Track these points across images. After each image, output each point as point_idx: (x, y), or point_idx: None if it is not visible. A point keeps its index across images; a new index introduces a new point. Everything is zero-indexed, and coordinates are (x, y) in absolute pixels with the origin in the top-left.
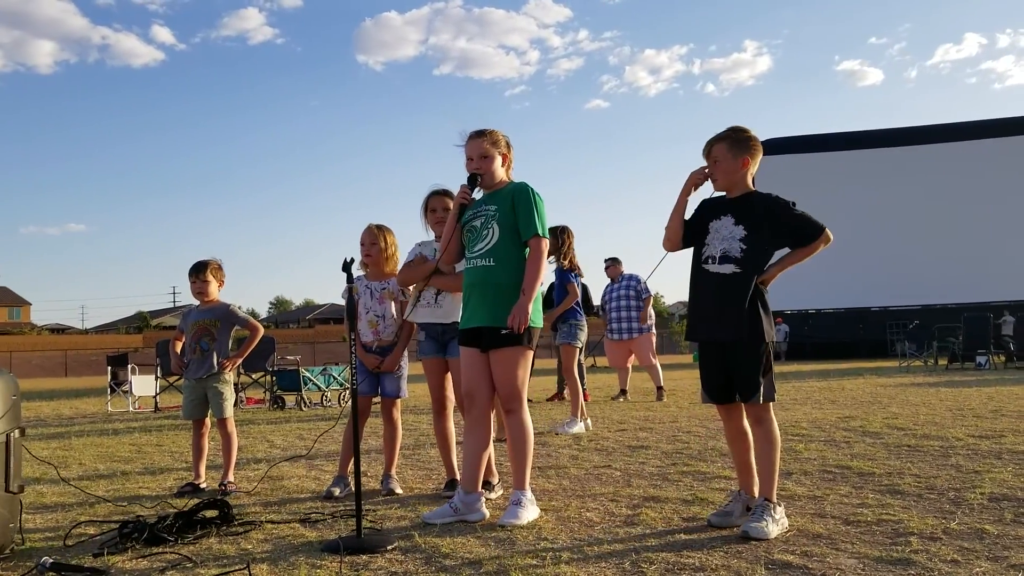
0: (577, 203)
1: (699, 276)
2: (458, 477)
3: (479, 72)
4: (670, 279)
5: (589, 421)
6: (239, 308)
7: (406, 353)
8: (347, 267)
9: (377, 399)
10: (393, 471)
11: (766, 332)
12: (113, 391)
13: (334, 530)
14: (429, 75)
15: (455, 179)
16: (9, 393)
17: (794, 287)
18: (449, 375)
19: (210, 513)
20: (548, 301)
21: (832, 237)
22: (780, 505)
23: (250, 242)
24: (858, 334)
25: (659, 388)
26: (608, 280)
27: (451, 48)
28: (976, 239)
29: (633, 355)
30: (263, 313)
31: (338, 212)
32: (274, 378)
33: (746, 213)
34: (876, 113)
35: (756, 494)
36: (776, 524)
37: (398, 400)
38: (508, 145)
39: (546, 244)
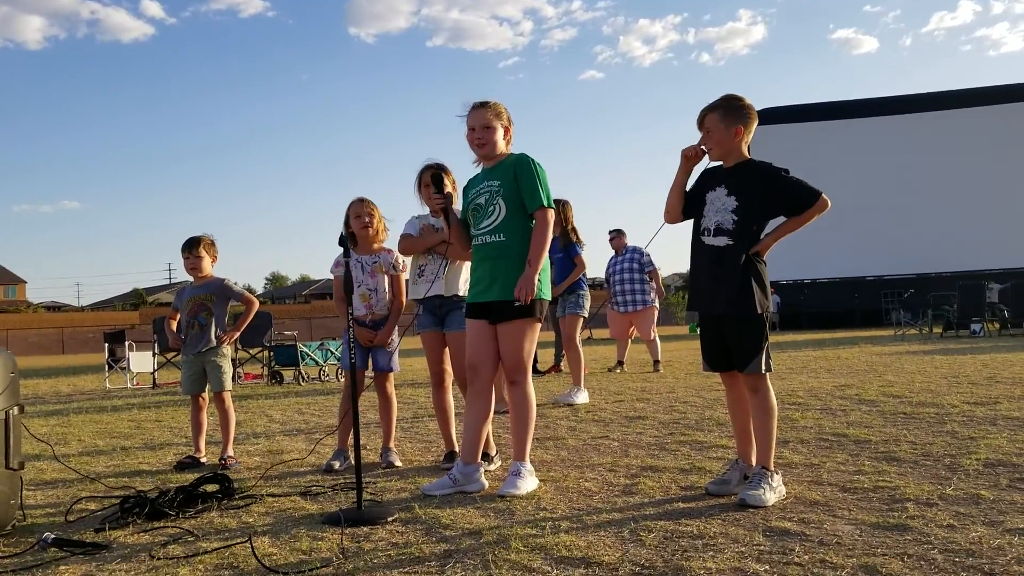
0: (573, 175)
1: (697, 248)
2: (457, 449)
3: (472, 44)
4: (667, 250)
5: (586, 392)
6: (233, 283)
7: (397, 327)
8: (343, 241)
9: (370, 373)
10: (392, 444)
11: (759, 304)
12: (111, 368)
13: (335, 502)
14: (422, 47)
15: (450, 151)
16: (7, 371)
17: (789, 257)
18: (447, 348)
19: (211, 487)
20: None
21: (829, 203)
22: (777, 473)
23: (245, 218)
24: (853, 303)
25: (656, 361)
26: (612, 252)
27: (444, 19)
28: (971, 207)
29: (634, 328)
30: (259, 289)
31: (333, 187)
32: (272, 353)
33: (739, 183)
34: (870, 82)
35: (754, 463)
36: (773, 492)
37: (391, 374)
38: (510, 119)
39: (551, 215)
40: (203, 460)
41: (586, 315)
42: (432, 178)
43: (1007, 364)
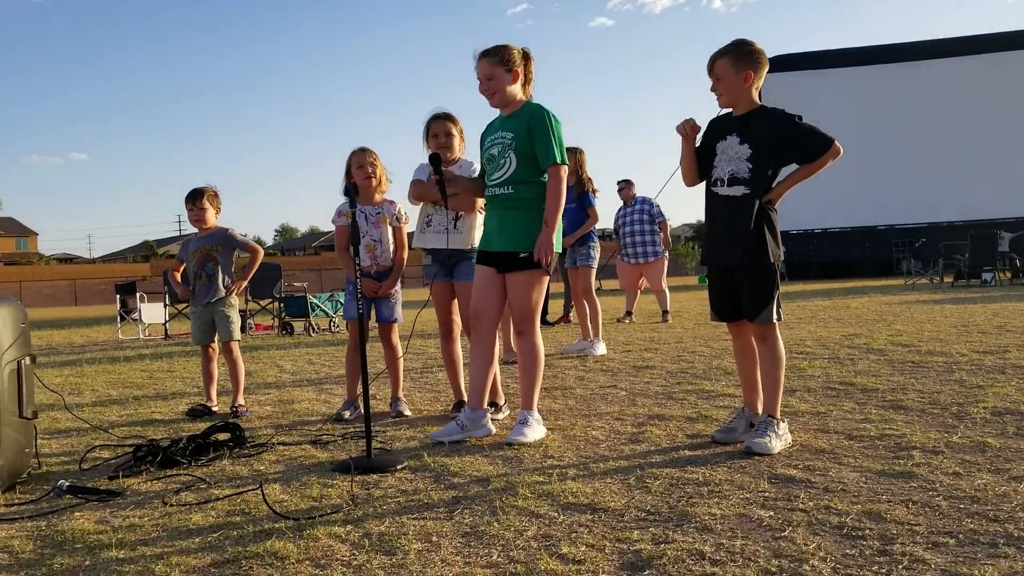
0: (583, 124)
1: (710, 200)
2: (465, 398)
3: None
4: (676, 201)
5: (604, 344)
6: (239, 233)
7: (400, 278)
8: (348, 191)
9: (373, 324)
10: (400, 393)
11: (772, 253)
12: (123, 319)
13: (344, 451)
14: None
15: (456, 100)
16: (18, 321)
17: (799, 206)
18: (456, 299)
19: (222, 436)
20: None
21: (842, 150)
22: (784, 421)
23: (256, 171)
24: (864, 252)
25: (664, 312)
26: (621, 203)
27: None
28: (983, 156)
29: (643, 278)
30: (269, 240)
31: (342, 138)
32: (282, 305)
33: (752, 131)
34: (885, 28)
35: (760, 411)
36: (779, 439)
37: (395, 324)
38: (525, 57)
39: (565, 171)
40: (215, 409)
41: (596, 266)
42: (431, 159)
43: (1018, 313)
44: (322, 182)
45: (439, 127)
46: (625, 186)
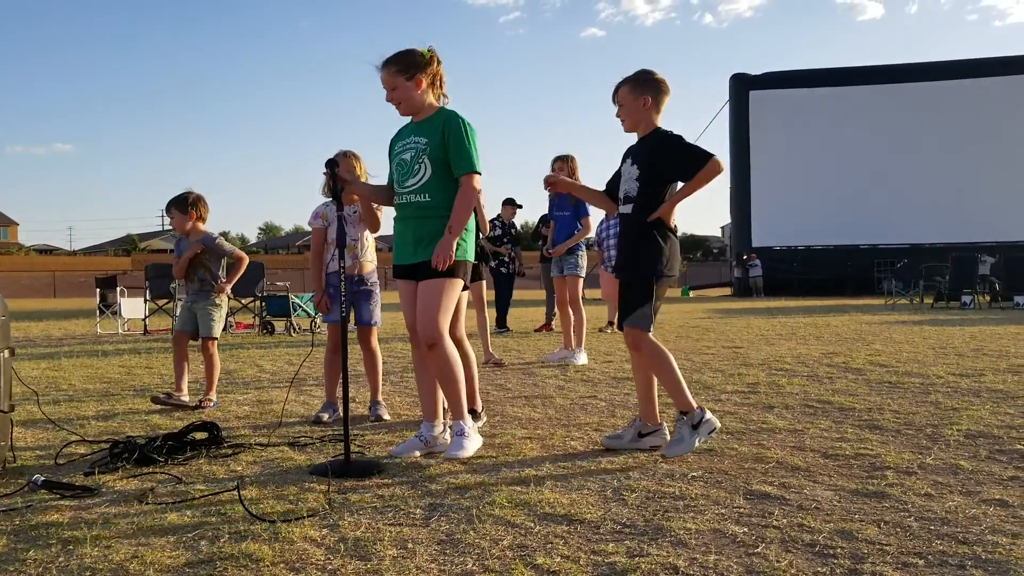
0: (571, 134)
1: (619, 218)
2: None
3: None
4: None
5: (585, 354)
6: (225, 242)
7: (379, 284)
8: (337, 194)
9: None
10: (380, 397)
11: (650, 266)
12: (102, 313)
13: (322, 454)
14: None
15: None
16: None
17: (783, 223)
18: None
19: (200, 435)
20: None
21: (722, 166)
22: (701, 409)
23: (240, 168)
24: (845, 271)
25: None
26: (602, 213)
27: None
28: (968, 179)
29: None
30: (252, 238)
31: (327, 138)
32: (264, 303)
33: (642, 153)
34: (874, 49)
35: (651, 422)
36: (696, 432)
37: (374, 328)
38: (429, 61)
39: (478, 180)
40: (183, 399)
41: (583, 275)
42: (327, 163)
43: (994, 336)
44: (307, 181)
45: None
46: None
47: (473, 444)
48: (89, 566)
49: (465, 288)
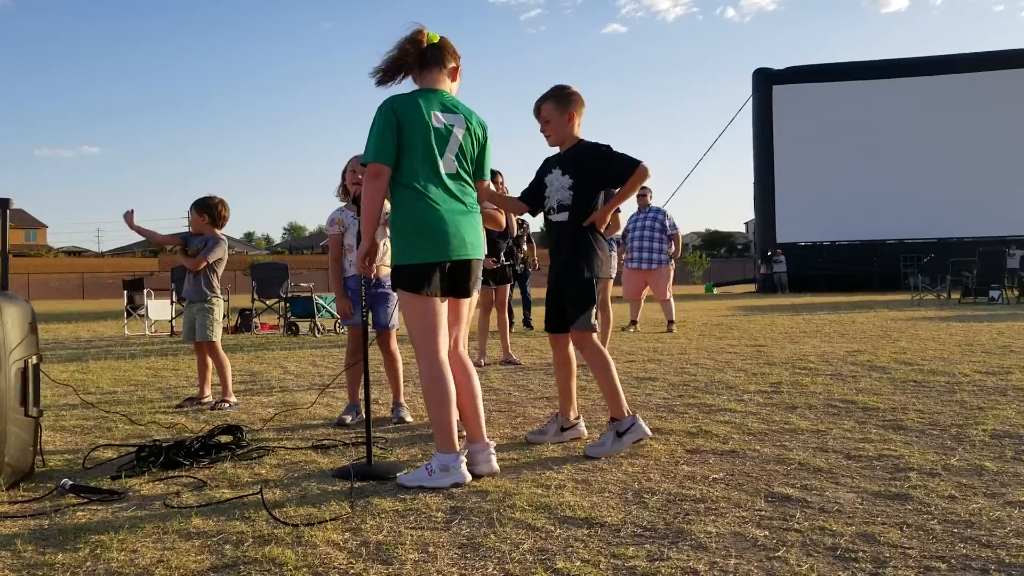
0: (593, 131)
1: (547, 227)
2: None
3: None
4: (684, 209)
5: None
6: (219, 243)
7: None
8: (358, 200)
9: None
10: (402, 399)
11: (586, 269)
12: (129, 315)
13: (345, 456)
14: None
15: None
16: (25, 320)
17: (809, 219)
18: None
19: (225, 438)
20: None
21: (649, 171)
22: (632, 414)
23: (265, 169)
24: (871, 267)
25: (670, 322)
26: (635, 208)
27: None
28: (995, 172)
29: (648, 287)
30: (277, 239)
31: (353, 139)
32: (288, 304)
33: (572, 163)
34: (898, 41)
35: (571, 416)
36: (620, 439)
37: (393, 330)
38: (409, 55)
39: (372, 170)
40: (205, 400)
41: (613, 275)
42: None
43: (1022, 333)
44: (331, 182)
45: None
46: (643, 193)
47: (443, 482)
48: (116, 570)
49: (461, 295)
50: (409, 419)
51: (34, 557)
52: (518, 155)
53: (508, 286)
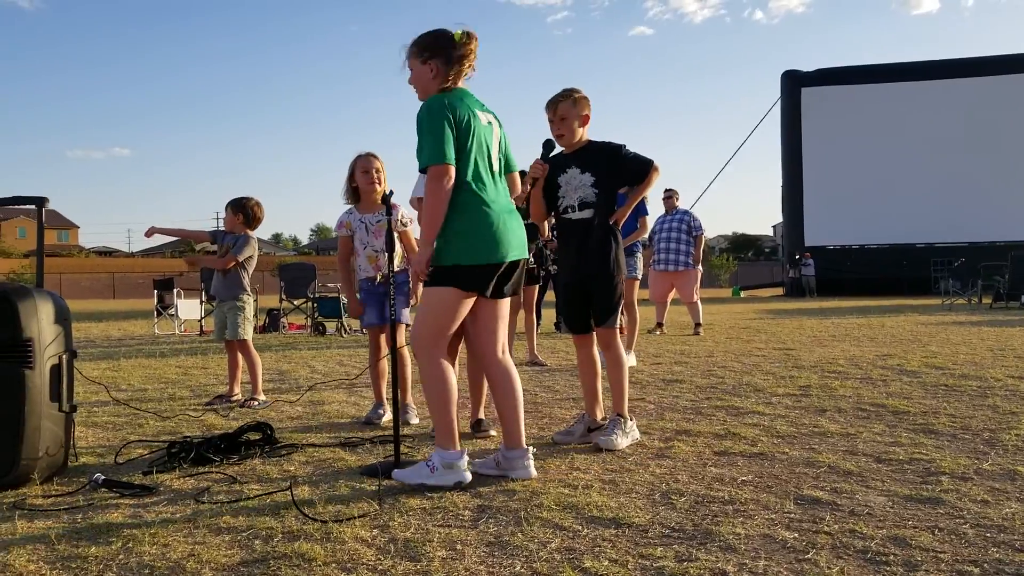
0: (619, 132)
1: (564, 226)
2: (483, 417)
3: None
4: (711, 212)
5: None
6: (253, 243)
7: (393, 284)
8: (387, 199)
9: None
10: (410, 399)
11: (619, 265)
12: (159, 314)
13: (373, 455)
14: None
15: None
16: (59, 317)
17: (837, 222)
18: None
19: (254, 435)
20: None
21: (660, 170)
22: (631, 419)
23: (293, 171)
24: (901, 271)
25: (697, 324)
26: (662, 211)
27: None
28: None
29: (674, 289)
30: (304, 240)
31: (378, 142)
32: (315, 305)
33: (589, 161)
34: (929, 43)
35: (598, 417)
36: (626, 436)
37: (402, 326)
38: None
39: (437, 172)
40: (234, 398)
41: (640, 276)
42: (545, 143)
43: None
44: None
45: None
46: (670, 195)
47: (446, 478)
48: (148, 564)
49: (506, 296)
50: (414, 420)
51: (68, 550)
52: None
53: (536, 287)
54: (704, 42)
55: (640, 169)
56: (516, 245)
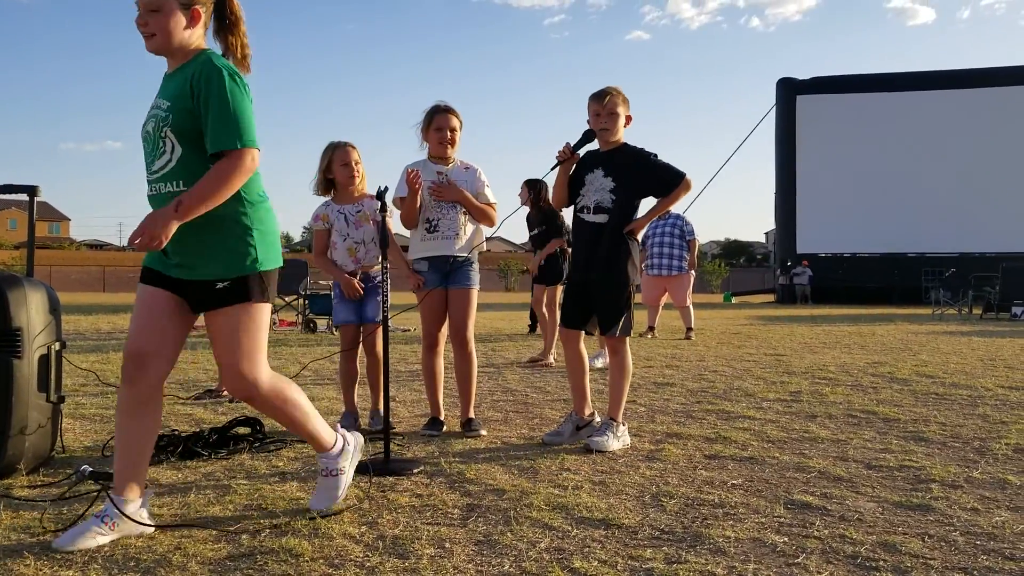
0: None
1: (578, 225)
2: (442, 416)
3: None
4: (704, 218)
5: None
6: None
7: (388, 280)
8: (381, 195)
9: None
10: (381, 406)
11: (630, 275)
12: None
13: (362, 452)
14: (467, 1)
15: (493, 106)
16: (49, 307)
17: (829, 230)
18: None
19: (243, 430)
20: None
21: (692, 184)
22: (624, 424)
23: (285, 167)
24: (892, 280)
25: (689, 329)
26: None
27: None
28: (1019, 187)
29: (667, 293)
30: (297, 237)
31: (371, 142)
32: (306, 302)
33: (615, 166)
34: (924, 54)
35: (586, 414)
36: (618, 440)
37: (378, 328)
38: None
39: (253, 157)
40: (224, 394)
41: (638, 282)
42: (585, 135)
43: None
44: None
45: (443, 121)
46: None
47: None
48: (134, 556)
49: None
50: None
51: (53, 541)
52: (541, 161)
53: (560, 287)
54: (700, 48)
55: (669, 180)
56: None
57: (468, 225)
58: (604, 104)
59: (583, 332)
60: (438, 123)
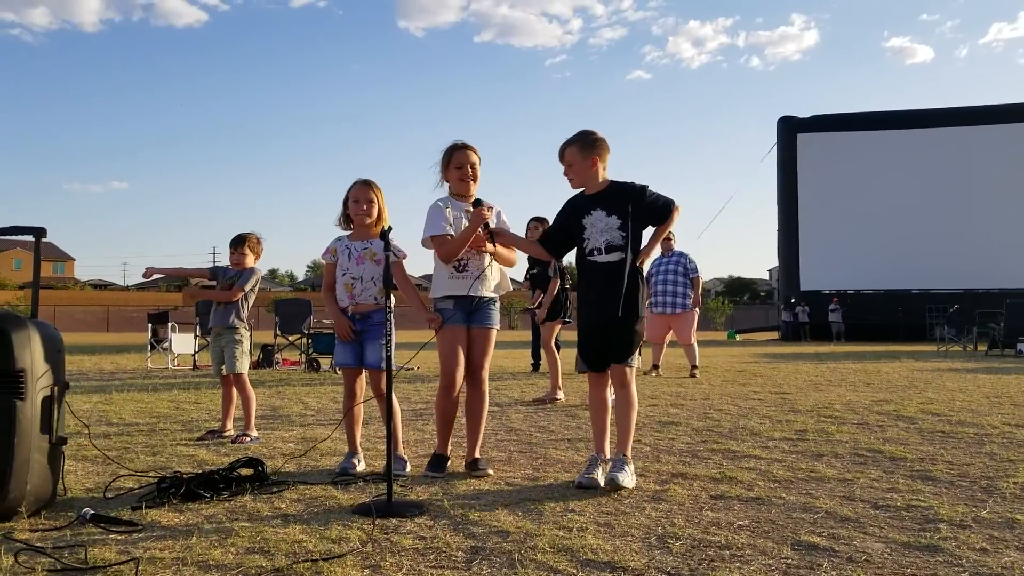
0: (618, 176)
1: (589, 268)
2: (448, 452)
3: (520, 40)
4: (707, 256)
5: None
6: (258, 276)
7: (393, 320)
8: (384, 235)
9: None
10: (402, 450)
11: (639, 308)
12: (153, 348)
13: (365, 493)
14: (469, 42)
15: (493, 148)
16: (53, 348)
17: (831, 267)
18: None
19: (245, 472)
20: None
21: (681, 208)
22: (631, 462)
23: (290, 207)
24: (897, 317)
25: (693, 367)
26: (659, 252)
27: (493, 15)
28: (1021, 222)
29: (672, 331)
30: (301, 276)
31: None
32: (310, 341)
33: (614, 204)
34: (924, 92)
35: (608, 455)
36: (631, 477)
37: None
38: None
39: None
40: (226, 434)
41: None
42: (473, 204)
43: None
44: None
45: (463, 158)
46: (668, 237)
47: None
48: None
49: None
50: (406, 470)
51: None
52: (543, 200)
53: (559, 324)
54: (701, 87)
55: (664, 210)
56: None
57: (493, 265)
58: (563, 159)
59: (608, 375)
60: (458, 160)
